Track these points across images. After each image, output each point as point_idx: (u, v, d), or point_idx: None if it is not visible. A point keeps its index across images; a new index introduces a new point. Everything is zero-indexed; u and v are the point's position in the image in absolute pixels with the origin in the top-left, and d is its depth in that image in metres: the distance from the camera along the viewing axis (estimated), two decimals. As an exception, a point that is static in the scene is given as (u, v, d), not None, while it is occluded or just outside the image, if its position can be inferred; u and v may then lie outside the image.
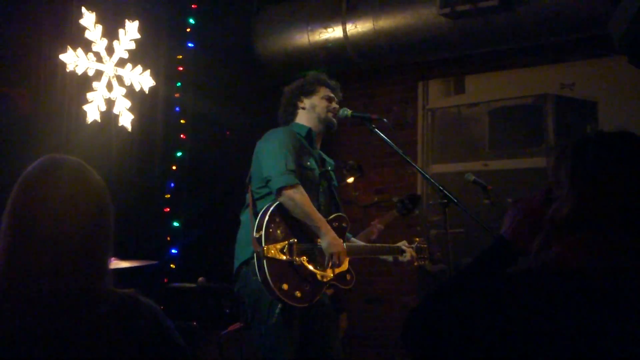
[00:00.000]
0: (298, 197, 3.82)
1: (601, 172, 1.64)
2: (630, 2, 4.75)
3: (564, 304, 1.53)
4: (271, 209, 3.81)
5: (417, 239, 4.51)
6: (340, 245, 3.89)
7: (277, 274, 3.69)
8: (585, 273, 1.55)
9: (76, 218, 1.79)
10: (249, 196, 4.02)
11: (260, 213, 3.82)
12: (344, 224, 4.10)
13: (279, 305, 3.72)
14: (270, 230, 3.76)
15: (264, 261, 3.67)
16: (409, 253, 4.30)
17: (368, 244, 4.38)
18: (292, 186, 3.82)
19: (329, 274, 3.89)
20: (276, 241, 3.75)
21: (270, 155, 3.94)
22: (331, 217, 4.05)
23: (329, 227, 3.90)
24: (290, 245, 3.77)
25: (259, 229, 3.74)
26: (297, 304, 3.74)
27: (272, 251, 3.71)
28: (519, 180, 6.83)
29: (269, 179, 3.88)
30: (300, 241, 3.82)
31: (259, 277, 3.68)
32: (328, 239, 3.85)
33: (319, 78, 4.29)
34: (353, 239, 4.32)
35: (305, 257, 3.81)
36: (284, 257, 3.74)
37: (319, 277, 3.84)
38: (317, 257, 3.88)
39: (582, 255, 1.58)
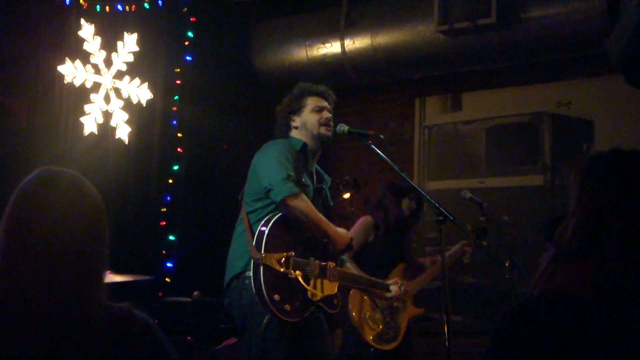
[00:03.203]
0: (304, 206, 3.73)
1: (607, 193, 1.62)
2: (627, 21, 4.78)
3: (567, 334, 1.51)
4: (274, 219, 3.73)
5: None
6: (347, 235, 3.95)
7: (271, 284, 3.63)
8: (587, 301, 1.54)
9: (71, 230, 1.79)
10: (242, 212, 3.95)
11: (263, 221, 3.73)
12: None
13: (267, 316, 3.68)
14: (270, 239, 3.67)
15: (261, 268, 3.60)
16: (394, 291, 4.26)
17: (357, 275, 4.28)
18: (295, 195, 3.71)
19: (319, 293, 3.85)
20: (275, 251, 3.67)
21: (270, 165, 3.83)
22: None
23: (334, 226, 3.89)
24: (288, 258, 3.69)
25: (260, 237, 3.67)
26: (284, 317, 3.67)
27: (271, 260, 3.63)
28: (514, 198, 6.84)
29: (270, 188, 3.74)
30: (296, 255, 3.78)
31: (252, 286, 3.62)
32: (337, 235, 3.88)
33: (304, 89, 4.13)
34: (347, 264, 4.27)
35: (300, 272, 3.77)
36: (281, 269, 3.67)
37: (309, 294, 3.77)
38: (309, 274, 3.85)
39: (583, 283, 1.56)
